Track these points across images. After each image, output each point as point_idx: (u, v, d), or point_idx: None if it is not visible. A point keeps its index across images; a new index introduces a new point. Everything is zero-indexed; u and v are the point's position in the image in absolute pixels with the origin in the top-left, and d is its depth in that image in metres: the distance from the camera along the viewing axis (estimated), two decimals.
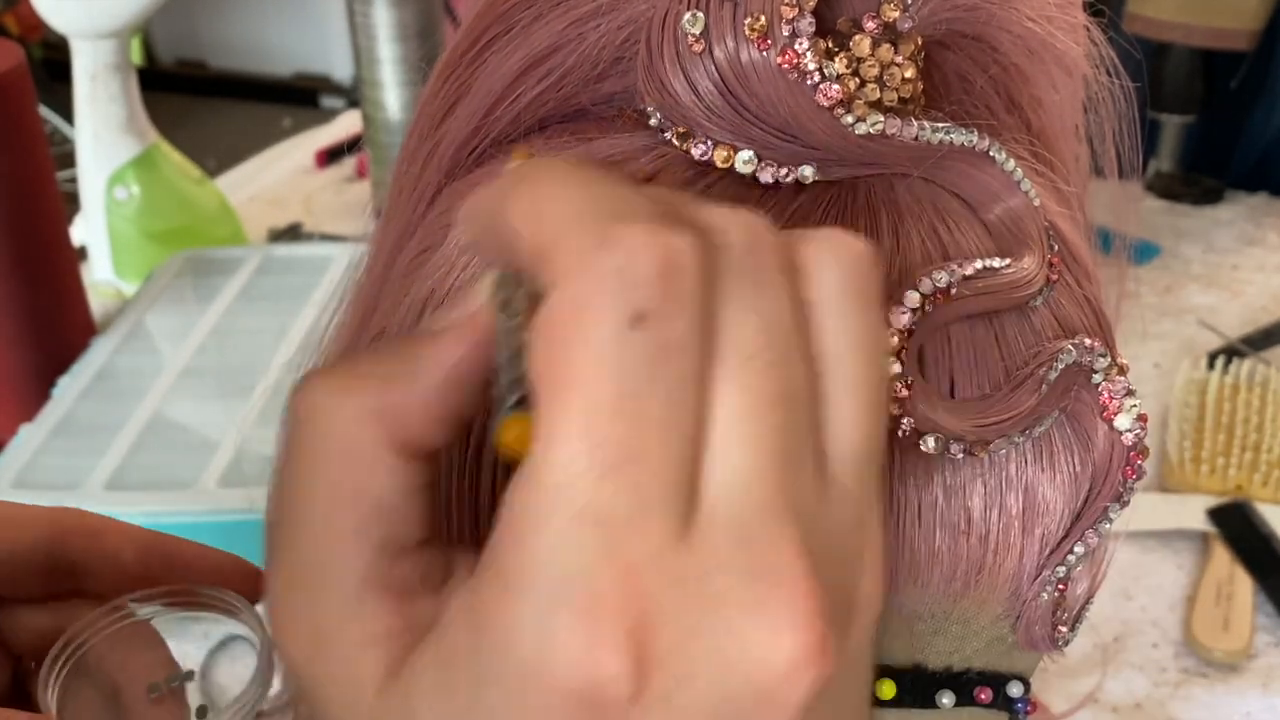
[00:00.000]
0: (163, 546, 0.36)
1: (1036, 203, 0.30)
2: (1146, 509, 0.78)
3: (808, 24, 0.27)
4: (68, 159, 1.07)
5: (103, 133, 1.02)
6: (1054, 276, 0.29)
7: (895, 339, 0.27)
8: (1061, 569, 0.29)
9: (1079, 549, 0.29)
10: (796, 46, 0.27)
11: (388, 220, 0.34)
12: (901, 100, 0.29)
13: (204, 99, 3.15)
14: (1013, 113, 0.32)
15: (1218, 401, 0.86)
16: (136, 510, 0.74)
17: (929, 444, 0.27)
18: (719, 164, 0.28)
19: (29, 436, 0.80)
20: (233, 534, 0.73)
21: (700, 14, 0.27)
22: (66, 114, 1.12)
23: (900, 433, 0.27)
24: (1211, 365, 0.91)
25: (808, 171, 0.29)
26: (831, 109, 0.27)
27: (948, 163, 0.29)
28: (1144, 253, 1.10)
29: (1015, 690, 0.31)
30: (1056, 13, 0.31)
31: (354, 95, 1.33)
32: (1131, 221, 0.40)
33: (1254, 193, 1.19)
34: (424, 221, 0.32)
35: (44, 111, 1.00)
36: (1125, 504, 0.30)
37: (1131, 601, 0.74)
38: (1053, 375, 0.28)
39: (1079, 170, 0.34)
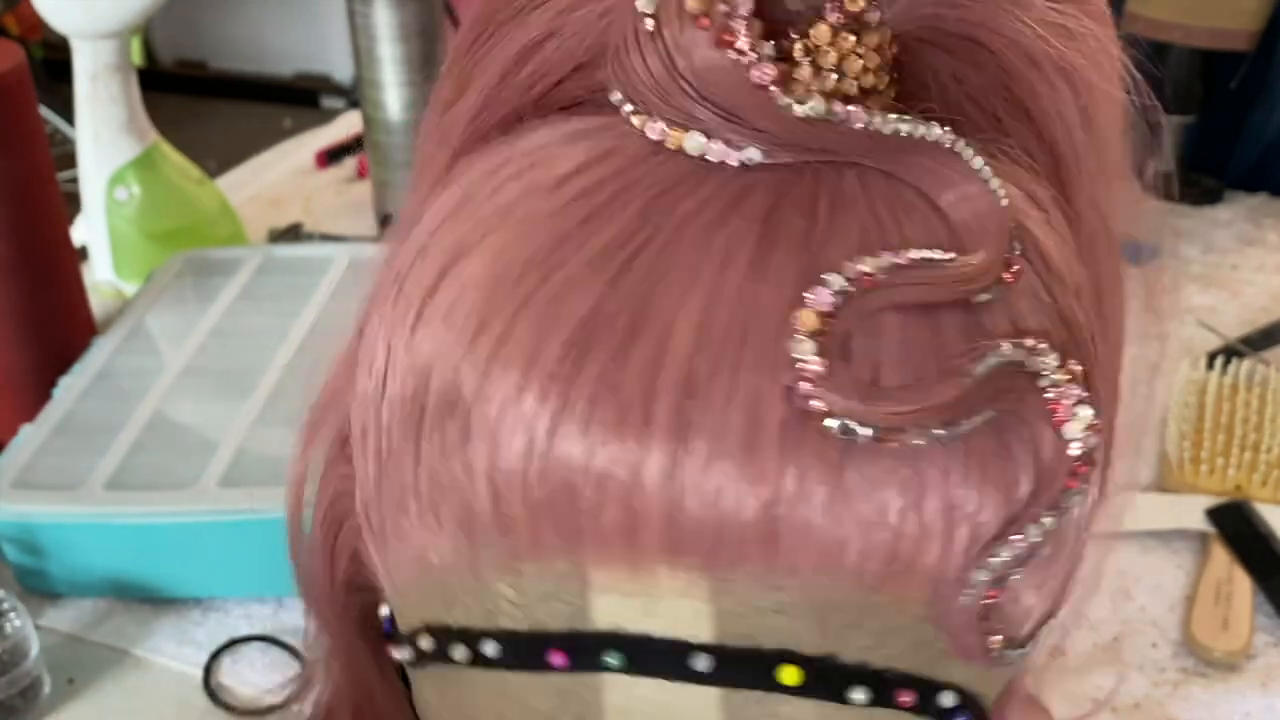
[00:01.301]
0: None
1: (1004, 202, 0.29)
2: (1146, 509, 0.78)
3: (746, 5, 0.28)
4: (68, 159, 1.07)
5: (103, 133, 1.02)
6: (1010, 278, 0.29)
7: (815, 319, 0.27)
8: (984, 574, 0.28)
9: (1005, 554, 0.28)
10: (733, 25, 0.28)
11: (412, 195, 0.36)
12: (862, 90, 0.30)
13: (204, 99, 3.16)
14: (1007, 117, 0.32)
15: (1217, 402, 0.87)
16: (136, 510, 0.74)
17: (833, 425, 0.27)
18: (670, 145, 0.29)
19: (29, 436, 0.80)
20: (233, 534, 0.74)
21: None
22: (67, 114, 1.12)
23: (808, 413, 0.27)
24: (1211, 365, 0.91)
25: (753, 153, 0.29)
26: (766, 88, 0.28)
27: (908, 156, 0.29)
28: (1143, 253, 1.10)
29: (947, 700, 0.30)
30: (1058, 18, 0.31)
31: (354, 95, 1.33)
32: (1159, 230, 0.41)
33: (1254, 193, 1.19)
34: (437, 193, 0.33)
35: (44, 112, 1.00)
36: (1061, 513, 0.28)
37: (1131, 601, 0.74)
38: (979, 369, 0.27)
39: (1084, 181, 0.33)
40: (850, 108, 0.29)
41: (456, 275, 0.30)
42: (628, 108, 0.30)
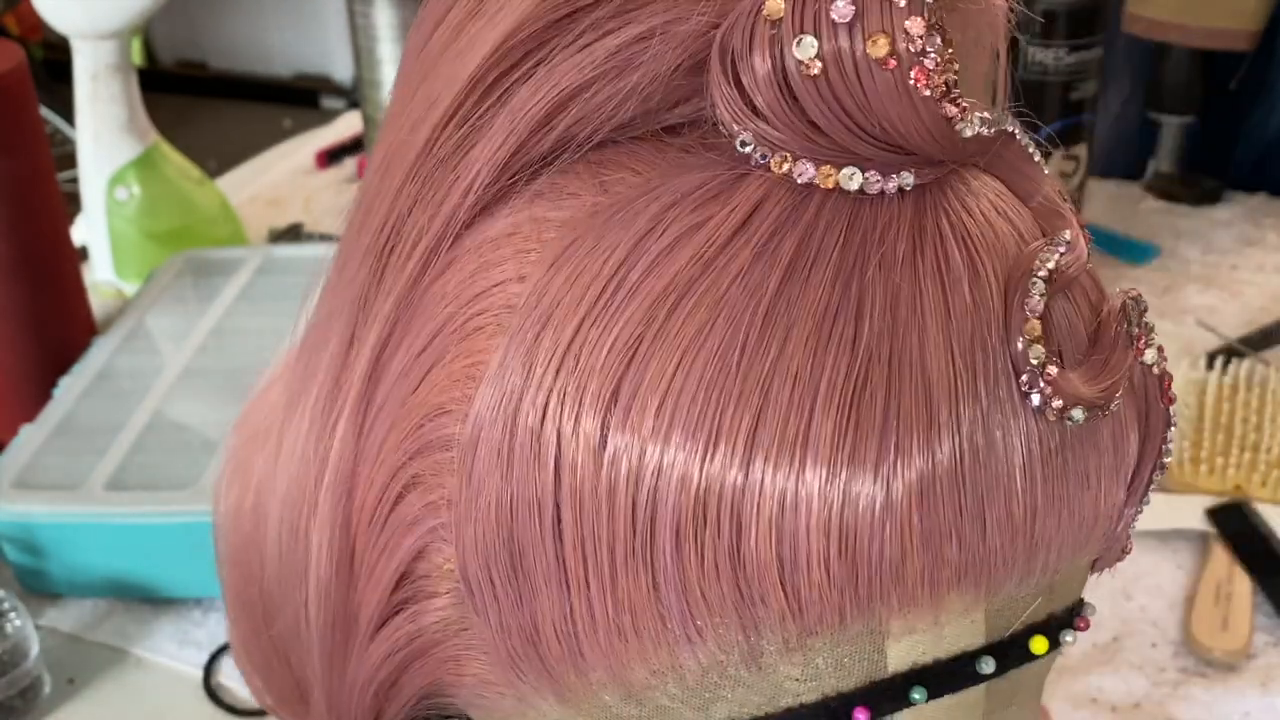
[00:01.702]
0: None
1: (1048, 170, 0.31)
2: (1146, 509, 0.78)
3: (937, 42, 0.27)
4: (68, 159, 1.07)
5: (103, 133, 1.02)
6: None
7: (1036, 324, 0.28)
8: (1147, 501, 0.32)
9: (1157, 476, 0.32)
10: (926, 64, 0.27)
11: (380, 186, 0.33)
12: (949, 84, 0.29)
13: (204, 100, 3.16)
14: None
15: (1216, 402, 0.87)
16: (136, 510, 0.74)
17: (1075, 416, 0.28)
18: (820, 184, 0.28)
19: (29, 436, 0.80)
20: None
21: (812, 38, 0.27)
22: (67, 114, 1.12)
23: (1051, 413, 0.28)
24: (1210, 365, 0.91)
25: (908, 178, 0.29)
26: (951, 121, 0.28)
27: (998, 151, 0.30)
28: (1143, 253, 1.10)
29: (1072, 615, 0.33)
30: None
31: (354, 96, 1.33)
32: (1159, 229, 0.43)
33: (1253, 193, 1.19)
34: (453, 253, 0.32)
35: (44, 112, 1.00)
36: (1175, 425, 0.32)
37: (1130, 601, 0.74)
38: (1126, 328, 0.30)
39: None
40: (980, 113, 0.28)
41: (648, 375, 0.27)
42: (759, 152, 0.28)
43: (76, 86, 1.01)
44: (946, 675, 0.30)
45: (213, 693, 0.71)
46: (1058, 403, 0.28)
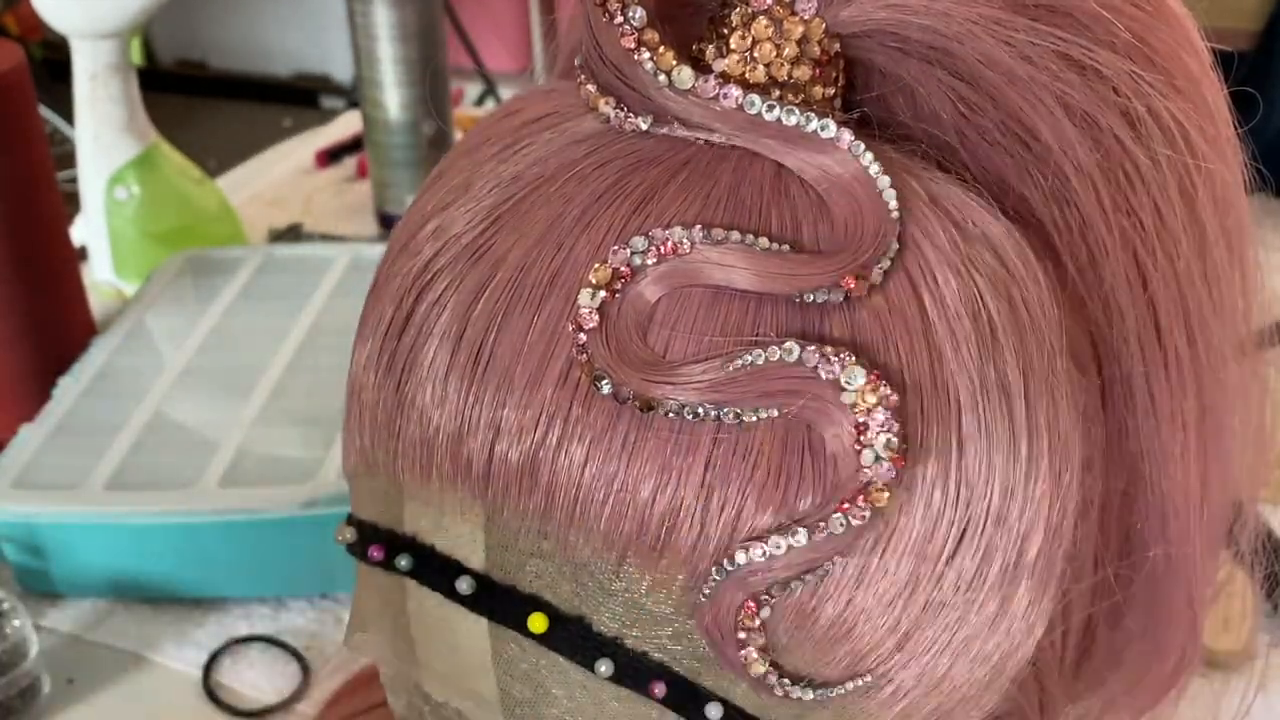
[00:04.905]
0: None
1: (893, 215, 0.28)
2: None
3: None
4: (68, 159, 1.07)
5: (103, 133, 1.02)
6: (851, 286, 0.27)
7: (607, 274, 0.28)
8: (723, 573, 0.27)
9: (742, 557, 0.27)
10: None
11: None
12: (771, 79, 0.29)
13: (204, 99, 3.15)
14: (1001, 137, 0.30)
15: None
16: (136, 510, 0.74)
17: (602, 386, 0.27)
18: (591, 105, 0.30)
19: (29, 436, 0.80)
20: (233, 534, 0.74)
21: None
22: (66, 114, 1.12)
23: (581, 367, 0.27)
24: None
25: (641, 122, 0.30)
26: (631, 51, 0.29)
27: (799, 150, 0.29)
28: None
29: (714, 712, 0.30)
30: (1061, 47, 0.29)
31: (354, 95, 1.33)
32: None
33: (1254, 193, 1.19)
34: None
35: (44, 111, 1.00)
36: (818, 531, 0.27)
37: None
38: (749, 359, 0.27)
39: (1103, 228, 0.31)
40: (727, 87, 0.28)
41: (431, 191, 0.32)
42: (580, 73, 0.31)
43: (76, 86, 1.01)
44: (432, 567, 0.31)
45: (212, 693, 0.71)
46: (582, 357, 0.27)
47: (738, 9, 0.29)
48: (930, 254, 0.28)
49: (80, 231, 1.08)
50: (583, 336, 0.27)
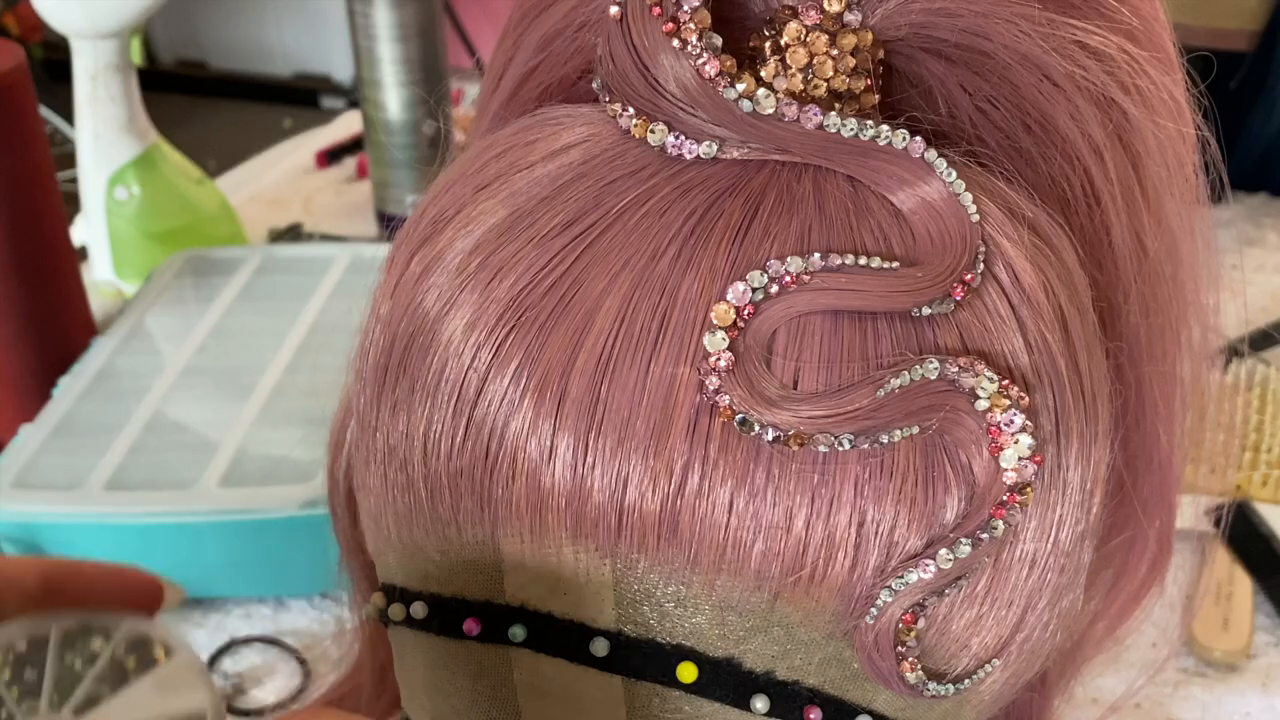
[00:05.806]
0: (63, 569, 0.37)
1: (973, 218, 0.28)
2: None
3: (695, 2, 0.28)
4: (68, 159, 1.07)
5: (103, 133, 1.02)
6: (959, 294, 0.28)
7: (730, 314, 0.27)
8: (889, 594, 0.27)
9: (915, 575, 0.27)
10: (680, 15, 0.28)
11: (475, 130, 0.37)
12: (832, 93, 0.29)
13: (204, 99, 3.15)
14: (1025, 134, 0.31)
15: (1217, 401, 0.86)
16: (136, 510, 0.74)
17: (751, 428, 0.26)
18: (635, 134, 0.29)
19: (29, 436, 0.80)
20: (233, 534, 0.74)
21: None
22: (67, 114, 1.12)
23: (717, 408, 0.27)
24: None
25: (710, 148, 0.29)
26: (712, 81, 0.28)
27: (872, 162, 0.29)
28: None
29: None
30: (1080, 36, 0.30)
31: (354, 95, 1.33)
32: None
33: (1254, 193, 1.19)
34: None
35: (44, 111, 1.00)
36: (981, 542, 0.27)
37: None
38: (897, 382, 0.27)
39: (1122, 210, 0.32)
40: (807, 108, 0.28)
41: (431, 246, 0.30)
42: (606, 97, 0.30)
43: (76, 86, 1.01)
44: (556, 633, 0.29)
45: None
46: (721, 399, 0.27)
47: (791, 24, 0.29)
48: (1010, 250, 0.29)
49: (80, 231, 1.08)
50: (714, 380, 0.27)
